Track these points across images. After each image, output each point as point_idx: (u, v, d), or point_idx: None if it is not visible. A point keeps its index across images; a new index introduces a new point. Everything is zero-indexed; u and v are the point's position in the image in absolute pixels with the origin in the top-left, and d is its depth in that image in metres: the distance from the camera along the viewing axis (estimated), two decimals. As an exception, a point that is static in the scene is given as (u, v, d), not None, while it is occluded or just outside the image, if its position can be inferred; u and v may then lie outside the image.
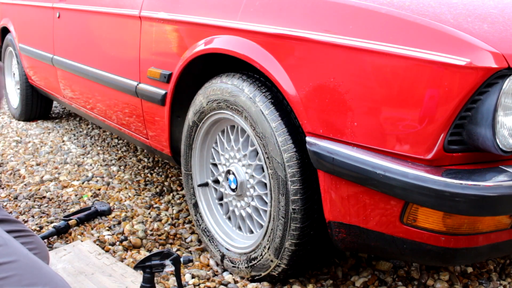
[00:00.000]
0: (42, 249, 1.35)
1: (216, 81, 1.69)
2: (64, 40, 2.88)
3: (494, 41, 1.14)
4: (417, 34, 1.18)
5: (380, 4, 1.29)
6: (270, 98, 1.51)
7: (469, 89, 1.11)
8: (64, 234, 2.09)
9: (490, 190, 1.13)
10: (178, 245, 2.01)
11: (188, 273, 1.79)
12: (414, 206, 1.25)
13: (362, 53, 1.24)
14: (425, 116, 1.16)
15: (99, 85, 2.49)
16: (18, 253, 1.07)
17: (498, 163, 1.23)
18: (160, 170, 2.85)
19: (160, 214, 2.27)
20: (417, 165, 1.20)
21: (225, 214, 1.87)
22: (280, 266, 1.60)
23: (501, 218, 1.27)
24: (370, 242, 1.40)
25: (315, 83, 1.36)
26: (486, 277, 1.80)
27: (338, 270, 1.80)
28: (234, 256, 1.76)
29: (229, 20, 1.62)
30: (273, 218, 1.56)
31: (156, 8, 1.97)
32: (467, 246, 1.28)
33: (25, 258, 1.08)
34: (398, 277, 1.78)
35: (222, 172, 1.80)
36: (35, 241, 1.34)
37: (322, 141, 1.36)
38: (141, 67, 2.08)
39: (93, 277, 1.70)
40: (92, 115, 2.76)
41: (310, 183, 1.46)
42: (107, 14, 2.33)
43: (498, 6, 1.37)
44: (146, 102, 2.09)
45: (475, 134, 1.15)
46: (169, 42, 1.90)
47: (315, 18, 1.38)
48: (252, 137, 1.60)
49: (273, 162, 1.50)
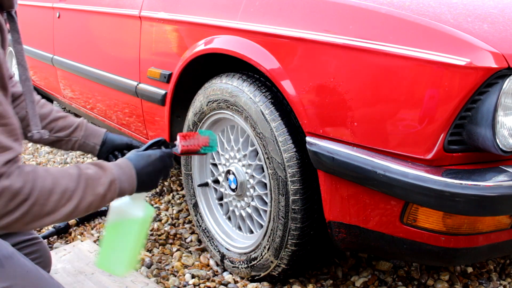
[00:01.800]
0: (45, 257, 1.35)
1: (216, 81, 1.69)
2: (64, 40, 2.88)
3: (494, 41, 1.14)
4: (417, 34, 1.18)
5: (380, 4, 1.29)
6: (270, 98, 1.51)
7: (469, 89, 1.11)
8: (64, 234, 2.09)
9: (490, 190, 1.13)
10: (178, 245, 2.01)
11: (188, 273, 1.79)
12: (414, 206, 1.25)
13: (362, 53, 1.24)
14: (425, 116, 1.16)
15: (99, 85, 2.49)
16: (16, 275, 1.05)
17: (498, 163, 1.23)
18: (160, 170, 2.84)
19: (160, 214, 2.27)
20: (417, 165, 1.20)
21: (225, 214, 1.87)
22: (280, 266, 1.60)
23: (501, 218, 1.27)
24: (370, 242, 1.40)
25: (315, 83, 1.36)
26: (486, 277, 1.80)
27: (338, 270, 1.80)
28: (234, 256, 1.76)
29: (229, 20, 1.62)
30: (273, 218, 1.56)
31: (156, 8, 1.97)
32: (467, 246, 1.28)
33: (23, 279, 1.06)
34: (398, 277, 1.78)
35: (222, 172, 1.80)
36: (40, 249, 1.33)
37: (322, 141, 1.36)
38: (141, 67, 2.08)
39: (93, 277, 1.70)
40: (92, 115, 2.76)
41: (310, 183, 1.46)
42: (107, 14, 2.33)
43: (498, 6, 1.37)
44: (146, 102, 2.09)
45: (475, 134, 1.15)
46: (169, 42, 1.90)
47: (315, 18, 1.38)
48: (252, 137, 1.60)
49: (273, 162, 1.50)
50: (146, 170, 1.14)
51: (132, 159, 1.14)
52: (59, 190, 0.95)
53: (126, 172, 1.10)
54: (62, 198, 0.95)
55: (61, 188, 0.95)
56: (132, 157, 1.15)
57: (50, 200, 0.93)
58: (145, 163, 1.15)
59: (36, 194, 0.91)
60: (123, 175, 1.09)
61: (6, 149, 0.89)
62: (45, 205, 0.92)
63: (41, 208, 0.92)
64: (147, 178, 1.15)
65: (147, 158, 1.16)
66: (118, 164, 1.11)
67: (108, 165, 1.08)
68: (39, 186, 0.91)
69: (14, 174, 0.89)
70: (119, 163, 1.11)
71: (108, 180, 1.04)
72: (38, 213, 0.92)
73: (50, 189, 0.93)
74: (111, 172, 1.06)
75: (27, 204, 0.90)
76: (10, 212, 0.88)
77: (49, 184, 0.93)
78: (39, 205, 0.92)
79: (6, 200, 0.87)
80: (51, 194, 0.93)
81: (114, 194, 1.06)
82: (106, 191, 1.04)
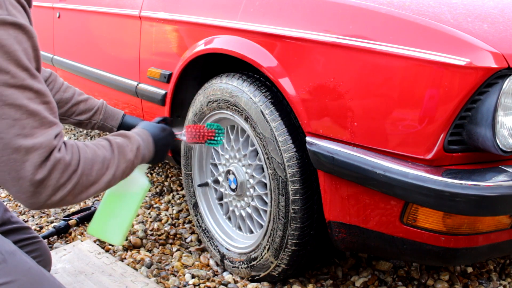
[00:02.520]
0: (45, 256, 1.37)
1: (216, 81, 1.69)
2: (64, 40, 2.88)
3: (494, 41, 1.14)
4: (417, 34, 1.18)
5: (380, 4, 1.29)
6: (270, 98, 1.51)
7: (469, 89, 1.11)
8: (64, 234, 2.09)
9: (490, 190, 1.13)
10: (178, 245, 2.01)
11: (188, 273, 1.79)
12: (414, 206, 1.25)
13: (362, 53, 1.24)
14: (425, 116, 1.16)
15: (99, 85, 2.49)
16: (18, 271, 1.07)
17: (498, 163, 1.23)
18: (160, 170, 2.85)
19: (160, 214, 2.27)
20: (417, 165, 1.20)
21: (225, 214, 1.87)
22: (280, 266, 1.60)
23: (501, 218, 1.27)
24: (370, 242, 1.40)
25: (315, 83, 1.36)
26: (486, 277, 1.80)
27: (338, 270, 1.80)
28: (234, 256, 1.76)
29: (229, 20, 1.62)
30: (273, 218, 1.56)
31: (156, 8, 1.97)
32: (467, 246, 1.28)
33: (25, 275, 1.08)
34: (398, 277, 1.78)
35: (222, 172, 1.80)
36: (40, 247, 1.35)
37: (322, 141, 1.36)
38: (141, 67, 2.08)
39: (93, 277, 1.70)
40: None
41: (310, 183, 1.46)
42: (107, 14, 2.33)
43: (498, 6, 1.37)
44: (146, 102, 2.10)
45: (475, 134, 1.15)
46: (169, 42, 1.90)
47: (315, 18, 1.38)
48: (252, 137, 1.60)
49: (273, 162, 1.50)
50: (161, 141, 1.27)
51: (149, 129, 1.25)
52: (99, 159, 1.03)
53: (145, 139, 1.21)
54: (102, 166, 1.03)
55: (100, 158, 1.03)
56: (149, 128, 1.26)
57: (94, 170, 1.01)
58: (159, 134, 1.27)
59: (82, 165, 0.99)
60: (144, 142, 1.19)
61: (52, 124, 0.96)
62: (90, 175, 1.00)
63: (87, 178, 1.00)
64: (160, 149, 1.26)
65: (161, 130, 1.29)
66: (138, 133, 1.21)
67: (131, 134, 1.18)
68: (83, 157, 0.99)
69: (63, 147, 0.97)
70: (138, 132, 1.22)
71: (135, 147, 1.14)
72: (86, 183, 1.00)
73: (92, 160, 1.01)
74: (135, 139, 1.16)
75: (77, 175, 0.97)
76: (63, 184, 0.95)
77: (90, 155, 1.02)
78: (86, 175, 0.99)
79: (60, 172, 0.94)
80: (94, 163, 1.02)
81: (139, 160, 1.16)
82: (134, 157, 1.14)
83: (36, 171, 0.91)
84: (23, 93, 0.92)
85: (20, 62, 0.92)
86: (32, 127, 0.92)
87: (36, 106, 0.93)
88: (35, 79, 0.94)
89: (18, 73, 0.91)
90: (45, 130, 0.94)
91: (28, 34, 0.95)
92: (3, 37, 0.90)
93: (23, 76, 0.92)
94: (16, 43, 0.91)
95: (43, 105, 0.95)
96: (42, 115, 0.94)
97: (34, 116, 0.93)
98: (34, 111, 0.93)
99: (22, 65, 0.92)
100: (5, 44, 0.90)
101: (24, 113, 0.91)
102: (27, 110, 0.92)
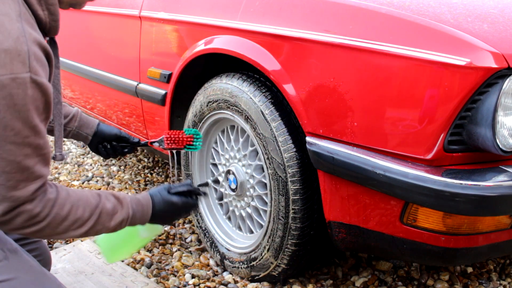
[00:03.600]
0: (45, 255, 1.37)
1: (216, 81, 1.69)
2: (63, 40, 2.88)
3: (494, 41, 1.14)
4: (417, 34, 1.18)
5: (380, 4, 1.29)
6: (270, 98, 1.51)
7: (469, 89, 1.11)
8: (64, 234, 2.09)
9: (490, 190, 1.13)
10: (178, 245, 2.01)
11: (188, 273, 1.79)
12: (414, 206, 1.25)
13: (362, 53, 1.24)
14: (425, 116, 1.16)
15: (99, 85, 2.49)
16: (20, 269, 1.09)
17: (498, 163, 1.23)
18: (160, 170, 2.85)
19: (160, 214, 2.26)
20: (417, 165, 1.20)
21: (225, 214, 1.87)
22: (280, 266, 1.60)
23: (501, 218, 1.27)
24: (370, 242, 1.40)
25: (315, 83, 1.36)
26: (486, 277, 1.80)
27: (338, 270, 1.80)
28: (234, 256, 1.76)
29: (229, 20, 1.62)
30: (273, 218, 1.56)
31: (156, 8, 1.97)
32: (467, 246, 1.28)
33: (26, 273, 1.09)
34: (398, 277, 1.78)
35: (222, 172, 1.80)
36: (40, 247, 1.36)
37: (322, 141, 1.36)
38: (141, 67, 2.08)
39: (93, 277, 1.70)
40: (92, 115, 2.76)
41: (310, 183, 1.46)
42: (107, 14, 2.33)
43: (498, 6, 1.37)
44: (146, 102, 2.09)
45: (475, 134, 1.15)
46: (169, 42, 1.90)
47: (315, 18, 1.38)
48: (252, 137, 1.60)
49: (273, 162, 1.50)
50: (162, 214, 1.23)
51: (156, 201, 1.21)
52: (73, 218, 1.04)
53: (143, 210, 1.18)
54: (73, 225, 1.05)
55: (75, 217, 1.05)
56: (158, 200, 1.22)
57: (62, 225, 1.03)
58: (165, 209, 1.23)
59: (50, 219, 1.01)
60: (139, 212, 1.17)
61: (38, 177, 0.98)
62: (56, 228, 1.03)
63: (52, 230, 1.03)
64: (160, 220, 1.24)
65: (170, 205, 1.24)
66: (140, 201, 1.18)
67: (127, 201, 1.16)
68: (54, 213, 1.01)
69: (37, 199, 0.98)
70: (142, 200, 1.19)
71: (121, 218, 1.13)
72: (49, 233, 1.03)
73: (64, 217, 1.03)
74: (127, 210, 1.14)
75: (41, 225, 1.00)
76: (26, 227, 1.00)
77: (65, 212, 1.03)
78: (51, 228, 1.02)
79: (24, 219, 0.98)
80: (64, 220, 1.03)
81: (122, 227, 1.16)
82: (116, 226, 1.13)
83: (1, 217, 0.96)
84: (22, 149, 0.93)
85: (28, 120, 0.93)
86: (17, 180, 0.94)
87: (29, 161, 0.95)
88: (38, 135, 0.95)
89: (23, 130, 0.92)
90: (29, 184, 0.96)
91: (44, 92, 0.94)
92: (19, 96, 0.90)
93: (27, 133, 0.93)
94: (30, 102, 0.92)
95: (37, 158, 0.96)
96: (31, 170, 0.95)
97: (23, 171, 0.94)
98: (25, 167, 0.94)
99: (30, 123, 0.93)
100: (18, 104, 0.90)
101: (14, 168, 0.93)
102: (18, 166, 0.93)
